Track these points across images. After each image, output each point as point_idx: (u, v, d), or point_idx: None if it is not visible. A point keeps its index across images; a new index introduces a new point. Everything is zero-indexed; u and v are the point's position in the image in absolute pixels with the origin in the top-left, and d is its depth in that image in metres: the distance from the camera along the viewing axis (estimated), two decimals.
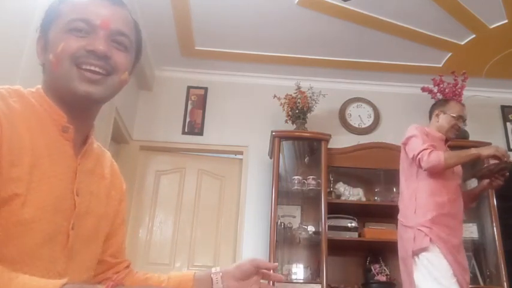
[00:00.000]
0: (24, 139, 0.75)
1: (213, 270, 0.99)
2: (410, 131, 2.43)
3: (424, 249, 2.15)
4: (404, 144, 2.45)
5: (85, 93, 0.80)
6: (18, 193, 0.71)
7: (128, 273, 1.02)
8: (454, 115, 2.49)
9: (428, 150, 2.24)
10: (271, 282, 1.08)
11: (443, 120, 2.51)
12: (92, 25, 0.81)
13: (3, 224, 0.71)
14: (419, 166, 2.28)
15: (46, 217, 0.75)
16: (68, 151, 0.83)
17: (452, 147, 3.35)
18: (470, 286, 3.15)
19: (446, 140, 2.52)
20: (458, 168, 2.44)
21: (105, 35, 0.82)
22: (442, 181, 2.30)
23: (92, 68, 0.80)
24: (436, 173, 2.26)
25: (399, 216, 2.42)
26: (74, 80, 0.79)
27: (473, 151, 2.27)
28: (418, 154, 2.27)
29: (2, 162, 0.70)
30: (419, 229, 2.20)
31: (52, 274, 0.77)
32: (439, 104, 2.62)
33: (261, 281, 0.99)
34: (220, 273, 0.97)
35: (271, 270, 1.02)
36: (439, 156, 2.22)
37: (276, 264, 1.07)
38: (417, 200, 2.29)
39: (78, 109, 0.85)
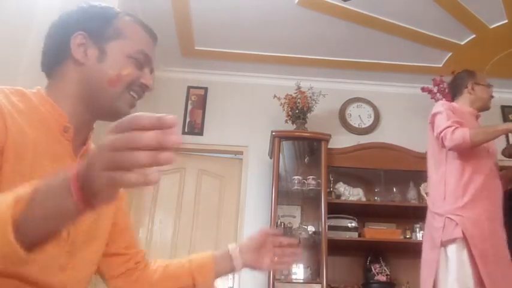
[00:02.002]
0: (27, 136, 0.77)
1: (230, 247, 1.09)
2: (436, 107, 2.24)
3: (453, 241, 2.00)
4: (431, 123, 2.26)
5: (124, 114, 0.92)
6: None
7: (148, 262, 1.07)
8: (487, 83, 2.33)
9: (452, 128, 2.06)
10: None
11: (481, 91, 2.31)
12: (148, 61, 0.93)
13: None
14: (443, 145, 2.11)
15: None
16: (68, 150, 0.86)
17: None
18: None
19: (477, 116, 2.33)
20: (493, 146, 2.23)
21: (150, 70, 0.95)
22: (475, 161, 2.11)
23: (136, 96, 0.92)
24: (465, 152, 2.09)
25: (428, 202, 2.27)
26: (123, 102, 0.90)
27: (503, 126, 2.10)
28: (441, 132, 2.09)
29: (8, 155, 0.73)
30: (448, 217, 2.04)
31: (54, 268, 0.80)
32: (468, 76, 2.38)
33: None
34: (238, 249, 1.07)
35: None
36: (463, 133, 2.03)
37: (281, 230, 1.17)
38: (446, 184, 2.12)
39: (96, 117, 0.93)
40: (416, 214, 3.48)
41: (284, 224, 3.40)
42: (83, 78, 0.88)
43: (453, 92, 2.44)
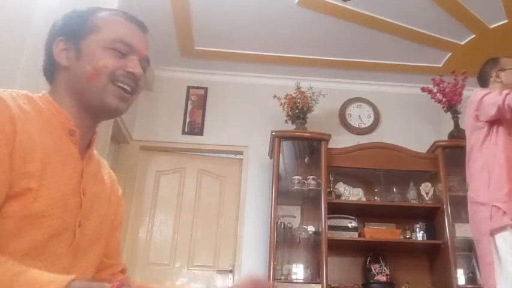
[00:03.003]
0: (36, 138, 0.78)
1: (211, 287, 1.01)
2: (479, 93, 2.16)
3: (503, 228, 1.91)
4: (477, 110, 2.15)
5: (115, 108, 0.89)
6: (30, 188, 0.75)
7: (126, 279, 1.02)
8: None
9: (510, 92, 2.00)
10: None
11: (507, 76, 2.23)
12: (131, 49, 0.90)
13: (15, 217, 0.74)
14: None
15: (55, 213, 0.79)
16: (75, 153, 0.87)
17: (450, 147, 3.37)
18: (469, 286, 3.17)
19: None
20: None
21: (138, 59, 0.91)
22: None
23: (125, 86, 0.89)
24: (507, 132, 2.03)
25: (469, 193, 2.16)
26: (109, 95, 0.87)
27: None
28: (504, 101, 1.98)
29: (16, 157, 0.73)
30: (495, 205, 1.96)
31: (58, 269, 0.80)
32: (491, 65, 2.32)
33: None
34: None
35: None
36: None
37: (277, 285, 1.10)
38: (490, 172, 2.04)
39: (95, 118, 0.92)
40: (416, 214, 3.50)
41: (284, 224, 3.40)
42: (69, 81, 0.89)
43: (482, 85, 2.37)
